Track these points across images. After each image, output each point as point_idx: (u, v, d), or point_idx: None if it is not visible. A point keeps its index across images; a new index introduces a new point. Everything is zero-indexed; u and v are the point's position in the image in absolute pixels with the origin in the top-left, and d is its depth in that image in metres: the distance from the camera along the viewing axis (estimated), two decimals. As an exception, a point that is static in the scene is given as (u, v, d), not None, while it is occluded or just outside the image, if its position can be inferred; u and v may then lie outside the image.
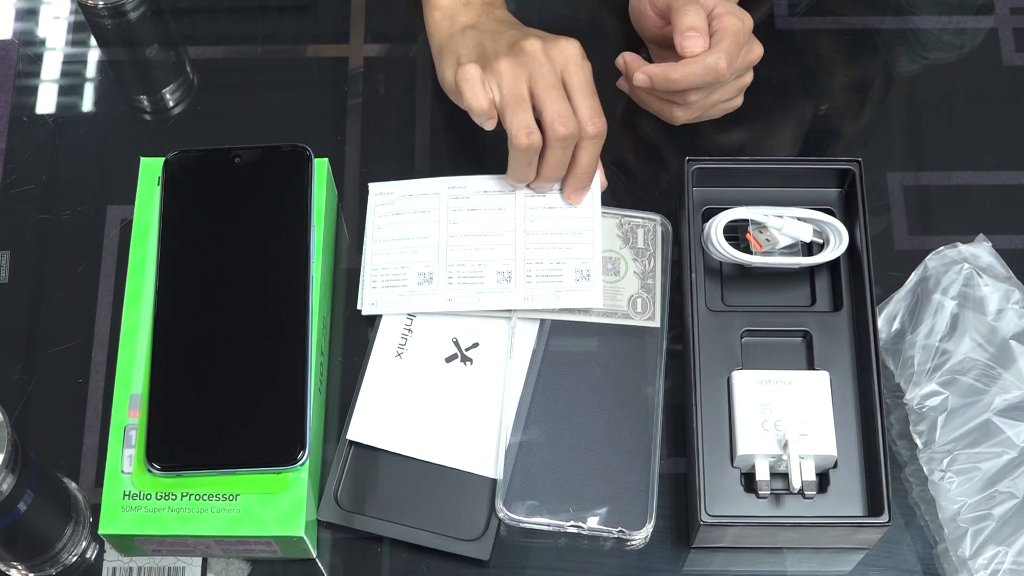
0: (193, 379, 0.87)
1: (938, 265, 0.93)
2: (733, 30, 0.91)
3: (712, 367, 0.90)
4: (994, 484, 0.87)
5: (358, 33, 1.07)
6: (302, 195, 0.92)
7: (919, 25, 1.07)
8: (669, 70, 0.92)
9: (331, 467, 0.90)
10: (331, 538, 0.89)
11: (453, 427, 0.91)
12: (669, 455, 0.91)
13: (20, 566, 0.87)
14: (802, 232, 0.93)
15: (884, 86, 1.05)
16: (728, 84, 0.95)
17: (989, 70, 1.05)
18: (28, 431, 0.92)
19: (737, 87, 0.97)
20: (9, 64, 1.06)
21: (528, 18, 0.98)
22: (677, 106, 0.96)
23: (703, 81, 0.92)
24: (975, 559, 0.85)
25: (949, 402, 0.89)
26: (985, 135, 1.03)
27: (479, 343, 0.93)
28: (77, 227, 0.99)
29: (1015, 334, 0.91)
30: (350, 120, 1.03)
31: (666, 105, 0.96)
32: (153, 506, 0.85)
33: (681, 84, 0.92)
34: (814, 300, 0.94)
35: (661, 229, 0.96)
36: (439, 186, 0.97)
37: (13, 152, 1.02)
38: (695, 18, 0.91)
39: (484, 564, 0.88)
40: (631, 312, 0.94)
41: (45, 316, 0.96)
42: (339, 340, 0.95)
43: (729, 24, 0.91)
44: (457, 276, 0.94)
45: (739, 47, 0.92)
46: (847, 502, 0.88)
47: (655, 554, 0.89)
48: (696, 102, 0.95)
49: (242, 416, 0.86)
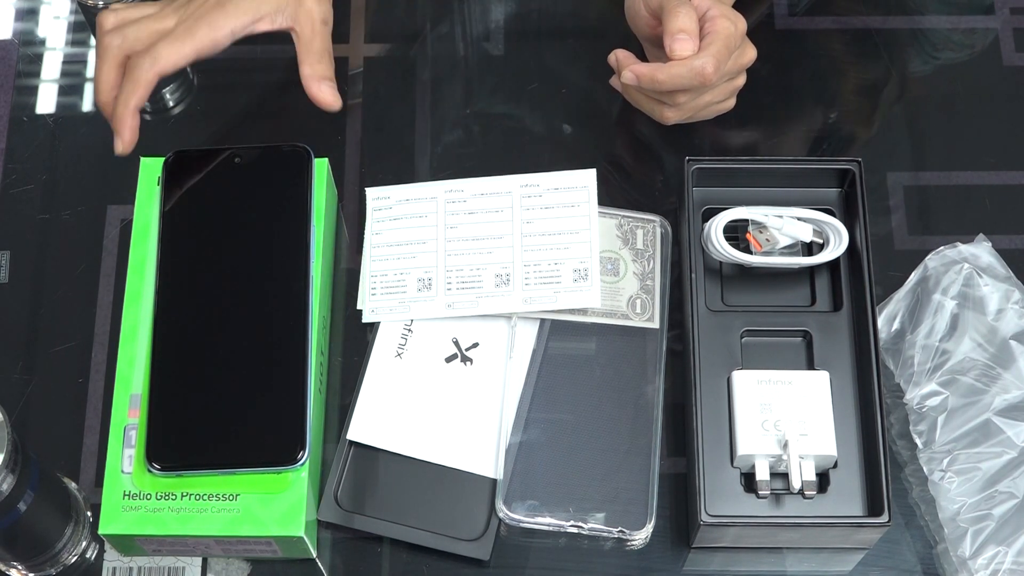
0: (193, 379, 0.87)
1: (938, 265, 0.93)
2: (724, 34, 0.91)
3: (712, 367, 0.91)
4: (994, 484, 0.87)
5: (358, 33, 1.07)
6: (302, 195, 0.92)
7: (923, 25, 1.07)
8: (656, 70, 0.92)
9: (331, 467, 0.90)
10: (331, 538, 0.89)
11: (453, 427, 0.91)
12: (669, 455, 0.91)
13: (20, 566, 0.87)
14: (802, 232, 0.93)
15: (884, 86, 1.05)
16: (720, 86, 0.95)
17: (989, 70, 1.05)
18: (28, 431, 0.92)
19: (729, 89, 0.97)
20: (9, 64, 1.06)
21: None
22: (667, 106, 0.96)
23: (689, 83, 0.92)
24: (975, 559, 0.85)
25: (949, 402, 0.89)
26: (985, 135, 1.03)
27: (479, 343, 0.93)
28: (77, 227, 0.99)
29: (1015, 334, 0.91)
30: (350, 120, 1.03)
31: (656, 105, 0.96)
32: (153, 506, 0.85)
33: (667, 85, 0.92)
34: (814, 300, 0.94)
35: (660, 230, 0.96)
36: (436, 190, 0.97)
37: (13, 152, 1.02)
38: (685, 20, 0.91)
39: (484, 564, 0.88)
40: (631, 313, 0.94)
41: (45, 316, 0.96)
42: (339, 340, 0.95)
43: (721, 27, 0.91)
44: (456, 281, 0.94)
45: (729, 51, 0.92)
46: (847, 502, 0.88)
47: (655, 554, 0.89)
48: (685, 103, 0.95)
49: (242, 416, 0.86)
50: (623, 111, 1.01)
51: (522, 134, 1.02)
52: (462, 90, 1.05)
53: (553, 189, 0.95)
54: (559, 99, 1.04)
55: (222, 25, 0.90)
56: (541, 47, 1.07)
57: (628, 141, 1.02)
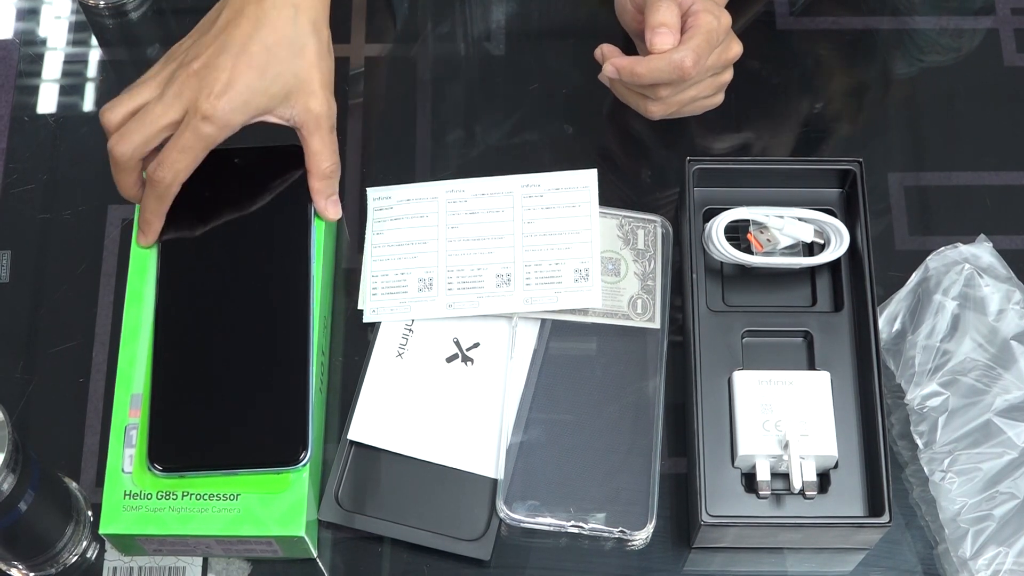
0: (194, 380, 0.87)
1: (939, 265, 0.93)
2: (706, 28, 0.91)
3: (713, 367, 0.91)
4: (995, 484, 0.87)
5: (358, 33, 1.07)
6: (302, 195, 0.92)
7: (919, 26, 1.07)
8: (635, 64, 0.92)
9: (332, 467, 0.90)
10: (332, 538, 0.89)
11: (454, 427, 0.91)
12: (670, 455, 0.91)
13: (21, 566, 0.87)
14: (803, 232, 0.93)
15: (886, 87, 1.05)
16: (705, 81, 0.95)
17: (990, 70, 1.05)
18: (29, 431, 0.92)
19: (716, 85, 0.97)
20: (10, 64, 1.06)
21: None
22: (650, 100, 0.95)
23: (668, 77, 0.92)
24: (976, 559, 0.85)
25: (950, 402, 0.89)
26: (986, 135, 1.03)
27: (480, 343, 0.93)
28: (78, 227, 0.99)
29: (1016, 334, 0.91)
30: (350, 120, 1.03)
31: (640, 99, 0.96)
32: (154, 506, 0.84)
33: (647, 79, 0.92)
34: (815, 300, 0.94)
35: (661, 230, 0.96)
36: (437, 190, 0.97)
37: (14, 152, 1.02)
38: (666, 14, 0.91)
39: (485, 564, 0.88)
40: (631, 313, 0.94)
41: (46, 316, 0.96)
42: (340, 340, 0.95)
43: (703, 22, 0.91)
44: (457, 281, 0.94)
45: (711, 45, 0.92)
46: (848, 502, 0.88)
47: (656, 554, 0.89)
48: (667, 97, 0.94)
49: (244, 417, 0.86)
50: (624, 111, 1.01)
51: (523, 134, 1.02)
52: (463, 90, 1.05)
53: (554, 189, 0.96)
54: (560, 99, 1.03)
55: (231, 122, 0.86)
56: (542, 47, 1.07)
57: (629, 141, 1.02)
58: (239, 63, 0.86)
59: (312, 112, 0.88)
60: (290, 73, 0.87)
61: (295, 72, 0.87)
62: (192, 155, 0.86)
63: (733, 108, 1.00)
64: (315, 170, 0.90)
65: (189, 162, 0.87)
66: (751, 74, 1.02)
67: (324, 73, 0.89)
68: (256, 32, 0.86)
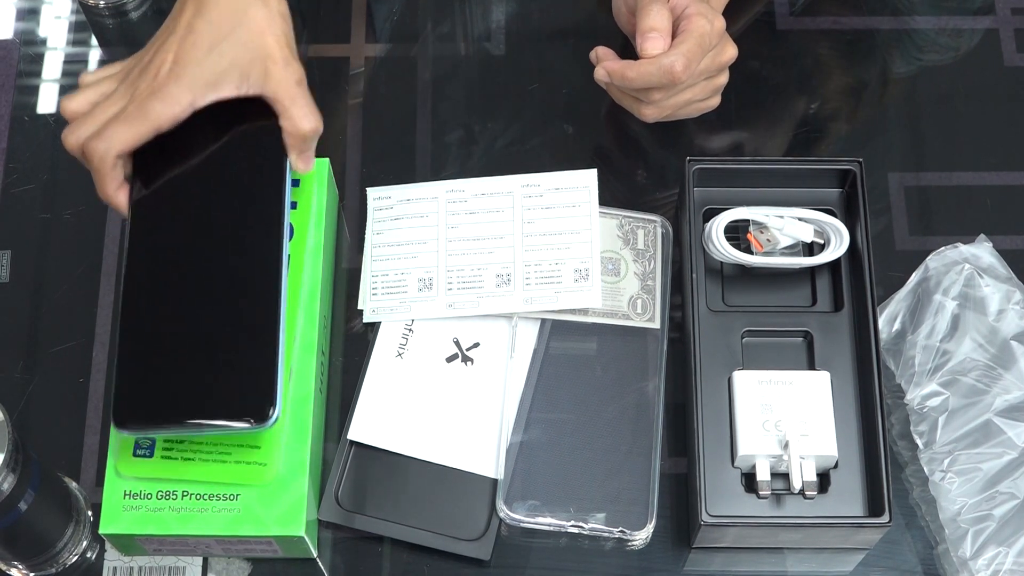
0: (161, 338, 0.84)
1: (939, 265, 0.93)
2: (698, 32, 0.91)
3: (713, 367, 0.91)
4: (995, 484, 0.87)
5: (359, 33, 1.07)
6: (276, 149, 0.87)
7: (919, 26, 1.07)
8: (626, 68, 0.92)
9: (332, 467, 0.90)
10: (332, 538, 0.89)
11: (454, 427, 0.91)
12: (670, 455, 0.91)
13: (21, 566, 0.87)
14: (803, 232, 0.93)
15: (886, 86, 1.05)
16: (699, 84, 0.95)
17: (990, 70, 1.05)
18: (29, 430, 0.92)
19: (711, 88, 0.96)
20: (10, 64, 1.06)
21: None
22: (644, 104, 0.95)
23: (658, 81, 0.91)
24: (976, 559, 0.85)
25: (950, 402, 0.89)
26: (986, 135, 1.03)
27: (480, 343, 0.93)
28: (78, 227, 0.99)
29: (1016, 335, 0.91)
30: (350, 120, 1.03)
31: (634, 102, 0.96)
32: (154, 506, 0.84)
33: (637, 83, 0.92)
34: (815, 300, 0.94)
35: (661, 230, 0.97)
36: (437, 190, 0.97)
37: (14, 152, 1.02)
38: (656, 18, 0.91)
39: (485, 564, 0.88)
40: (631, 313, 0.94)
41: (46, 316, 0.96)
42: (339, 340, 0.95)
43: (695, 26, 0.91)
44: (457, 281, 0.94)
45: (703, 49, 0.91)
46: (848, 502, 0.88)
47: (656, 554, 0.89)
48: (660, 101, 0.94)
49: (211, 374, 0.83)
50: (624, 111, 1.01)
51: (523, 134, 1.02)
52: (462, 90, 1.05)
53: (554, 189, 0.96)
54: (560, 99, 1.04)
55: (179, 98, 0.82)
56: (542, 47, 1.07)
57: (629, 141, 1.02)
58: (184, 43, 0.83)
59: (274, 78, 0.84)
60: (239, 44, 0.83)
61: (244, 42, 0.83)
62: (133, 131, 0.83)
63: (733, 108, 1.00)
64: (293, 131, 0.86)
65: (127, 137, 0.82)
66: (751, 74, 1.02)
67: (278, 37, 0.85)
68: (200, 11, 0.83)
